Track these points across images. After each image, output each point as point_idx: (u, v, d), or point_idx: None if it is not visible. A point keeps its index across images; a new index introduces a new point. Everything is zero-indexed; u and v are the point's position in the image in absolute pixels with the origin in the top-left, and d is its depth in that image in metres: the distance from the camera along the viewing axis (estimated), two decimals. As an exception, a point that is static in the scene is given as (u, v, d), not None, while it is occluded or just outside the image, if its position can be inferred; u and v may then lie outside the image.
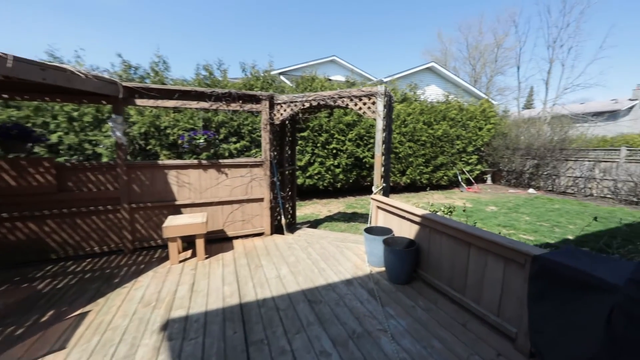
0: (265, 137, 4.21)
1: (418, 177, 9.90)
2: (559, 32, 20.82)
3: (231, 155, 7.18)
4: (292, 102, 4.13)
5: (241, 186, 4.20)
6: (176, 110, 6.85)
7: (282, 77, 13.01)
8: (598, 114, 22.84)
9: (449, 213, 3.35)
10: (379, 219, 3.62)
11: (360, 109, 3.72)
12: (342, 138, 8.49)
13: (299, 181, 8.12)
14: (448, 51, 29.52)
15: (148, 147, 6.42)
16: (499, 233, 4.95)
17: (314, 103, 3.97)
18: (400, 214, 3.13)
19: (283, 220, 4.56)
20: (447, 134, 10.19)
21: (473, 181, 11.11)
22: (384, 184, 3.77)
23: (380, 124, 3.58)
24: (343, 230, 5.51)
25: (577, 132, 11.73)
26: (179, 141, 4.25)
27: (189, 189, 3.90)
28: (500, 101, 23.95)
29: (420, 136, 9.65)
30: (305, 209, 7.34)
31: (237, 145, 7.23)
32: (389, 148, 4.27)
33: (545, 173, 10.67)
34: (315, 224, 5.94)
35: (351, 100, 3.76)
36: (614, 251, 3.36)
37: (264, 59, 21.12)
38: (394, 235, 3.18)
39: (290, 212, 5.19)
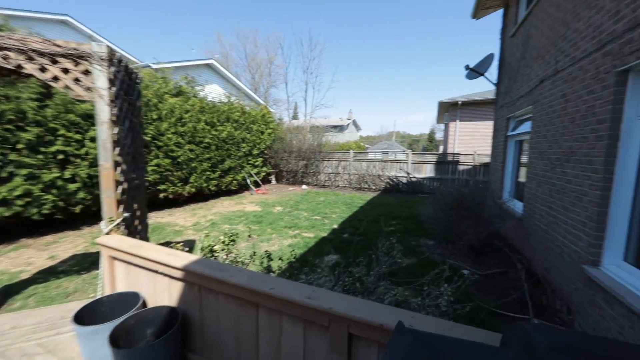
0: None
1: (205, 184, 8.68)
2: (309, 62, 27.18)
3: None
4: None
5: None
6: None
7: None
8: (334, 127, 32.40)
9: (231, 243, 2.53)
10: (119, 278, 2.10)
11: (55, 79, 1.96)
12: (78, 137, 5.51)
13: (-26, 213, 4.31)
14: (229, 56, 30.12)
15: None
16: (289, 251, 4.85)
17: None
18: (151, 267, 1.84)
19: None
20: (233, 137, 9.73)
21: (260, 183, 11.54)
22: (127, 214, 2.27)
23: (104, 113, 2.04)
24: (71, 293, 3.24)
25: (325, 139, 15.50)
26: None
27: None
28: (275, 110, 27.69)
29: (203, 138, 8.46)
30: (-11, 266, 3.93)
31: None
32: (140, 153, 2.77)
33: (312, 171, 13.11)
34: (1, 297, 3.13)
35: (30, 59, 1.89)
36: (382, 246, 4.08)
37: None
38: (143, 305, 1.84)
39: None
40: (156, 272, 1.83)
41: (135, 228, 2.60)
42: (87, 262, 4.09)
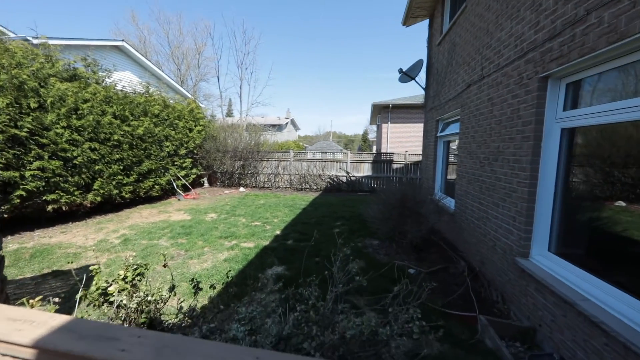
0: None
1: (116, 191, 7.12)
2: (244, 57, 25.70)
3: None
4: None
5: None
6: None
7: None
8: (272, 126, 31.50)
9: (138, 277, 1.83)
10: None
11: None
12: None
13: None
14: (148, 42, 26.30)
15: None
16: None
17: None
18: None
19: None
20: (152, 134, 8.26)
21: (190, 187, 10.20)
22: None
23: None
24: None
25: (263, 138, 14.72)
26: None
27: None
28: (207, 106, 25.39)
29: (112, 134, 6.91)
30: None
31: None
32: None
33: (249, 172, 12.25)
34: None
35: None
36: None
37: None
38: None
39: None
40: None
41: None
42: None
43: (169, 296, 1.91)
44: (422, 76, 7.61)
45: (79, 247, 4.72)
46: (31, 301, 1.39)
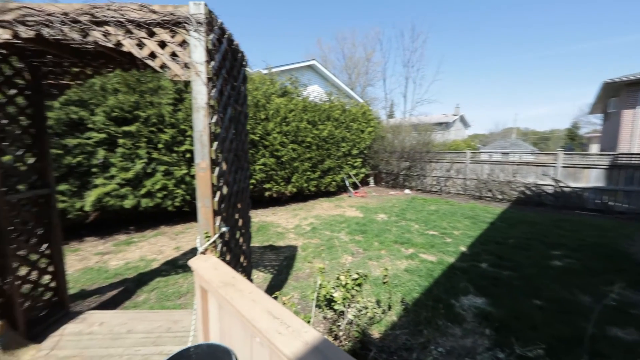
0: None
1: (305, 185, 8.52)
2: (410, 55, 24.80)
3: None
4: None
5: None
6: None
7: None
8: (438, 124, 28.77)
9: (357, 287, 1.70)
10: (212, 318, 1.56)
11: (152, 56, 1.57)
12: (202, 137, 6.01)
13: (129, 203, 5.12)
14: (327, 58, 30.90)
15: None
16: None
17: (26, 33, 1.52)
18: (245, 323, 1.18)
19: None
20: (333, 136, 9.30)
21: (359, 185, 10.78)
22: (225, 228, 1.75)
23: (201, 95, 1.54)
24: (183, 294, 3.18)
25: (429, 138, 13.31)
26: None
27: None
28: (373, 108, 26.64)
29: (305, 137, 8.30)
30: (133, 252, 4.47)
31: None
32: (244, 151, 2.31)
33: (415, 174, 11.47)
34: (133, 286, 3.33)
35: (128, 32, 1.55)
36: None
37: None
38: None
39: (51, 283, 2.44)
40: (252, 334, 1.16)
41: (237, 242, 2.13)
42: (200, 260, 4.17)
43: (383, 314, 1.67)
44: None
45: (283, 228, 5.85)
46: (283, 298, 1.54)
